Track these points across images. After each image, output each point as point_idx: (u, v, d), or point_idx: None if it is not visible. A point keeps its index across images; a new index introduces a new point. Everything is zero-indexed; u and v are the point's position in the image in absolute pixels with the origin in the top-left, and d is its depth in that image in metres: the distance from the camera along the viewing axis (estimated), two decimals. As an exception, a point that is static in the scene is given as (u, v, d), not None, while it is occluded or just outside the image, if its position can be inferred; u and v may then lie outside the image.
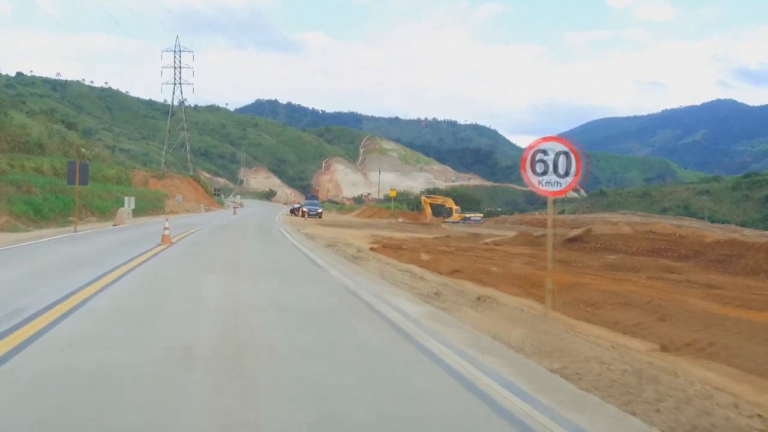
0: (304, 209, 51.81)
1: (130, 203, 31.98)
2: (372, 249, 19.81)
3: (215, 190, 78.72)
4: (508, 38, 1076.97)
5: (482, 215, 64.53)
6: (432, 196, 69.37)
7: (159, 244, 16.56)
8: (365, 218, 60.28)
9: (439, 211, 69.52)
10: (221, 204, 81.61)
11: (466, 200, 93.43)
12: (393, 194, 66.33)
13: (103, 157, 74.54)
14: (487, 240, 22.41)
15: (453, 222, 55.95)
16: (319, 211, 51.69)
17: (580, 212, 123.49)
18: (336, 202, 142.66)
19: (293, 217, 50.27)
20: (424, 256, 16.23)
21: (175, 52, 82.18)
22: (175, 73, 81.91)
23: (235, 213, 52.43)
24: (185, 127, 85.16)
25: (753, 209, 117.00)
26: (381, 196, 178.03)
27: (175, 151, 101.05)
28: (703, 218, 78.82)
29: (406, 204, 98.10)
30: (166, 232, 16.99)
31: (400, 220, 54.48)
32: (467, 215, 61.76)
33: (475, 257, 16.53)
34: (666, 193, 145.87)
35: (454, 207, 62.11)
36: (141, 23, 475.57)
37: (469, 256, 16.89)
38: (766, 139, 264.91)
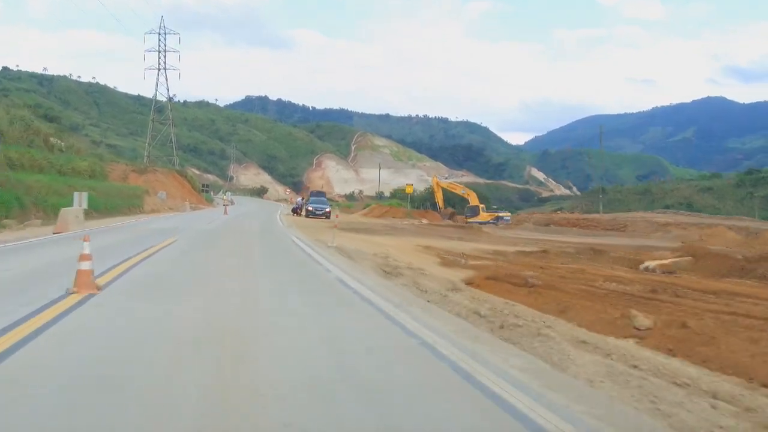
0: (309, 207, 42.43)
1: (80, 201, 22.59)
2: (470, 284, 10.79)
3: (203, 186, 68.13)
4: (499, 35, 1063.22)
5: (510, 214, 54.51)
6: (450, 182, 57.70)
7: (69, 292, 7.44)
8: (376, 218, 50.95)
9: (451, 205, 59.85)
10: (210, 201, 71.52)
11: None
12: (409, 190, 55.66)
13: (77, 149, 65.39)
14: (650, 264, 13.50)
15: (479, 222, 46.66)
16: (328, 210, 42.33)
17: (579, 210, 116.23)
18: (330, 200, 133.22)
19: (297, 218, 40.89)
20: (642, 320, 7.17)
21: (159, 34, 72.16)
22: (159, 58, 71.76)
23: (226, 212, 42.72)
24: (170, 117, 75.05)
25: (758, 206, 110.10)
26: (374, 193, 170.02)
27: (161, 146, 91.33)
28: (753, 216, 69.82)
29: (409, 202, 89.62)
30: (84, 266, 7.71)
31: (425, 221, 45.03)
32: (500, 214, 51.93)
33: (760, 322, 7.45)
34: (667, 190, 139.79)
35: (479, 203, 52.36)
36: (131, 19, 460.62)
37: (735, 320, 7.79)
38: (756, 136, 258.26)
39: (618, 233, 43.84)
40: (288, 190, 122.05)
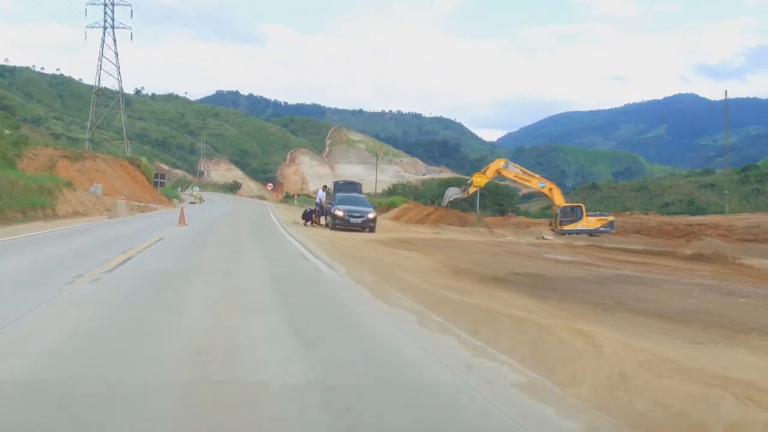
0: (339, 212, 22.45)
1: None
2: None
3: (156, 176, 46.93)
4: (470, 31, 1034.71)
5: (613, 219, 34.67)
6: (522, 171, 34.84)
7: None
8: (417, 224, 31.91)
9: (462, 200, 40.49)
10: (171, 198, 50.48)
11: (496, 194, 66.76)
12: (481, 182, 34.16)
13: (-12, 128, 45.85)
14: None
15: (582, 231, 28.33)
16: (371, 216, 22.40)
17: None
18: (308, 196, 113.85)
19: (322, 233, 21.12)
20: None
21: (106, -21, 51.41)
22: (105, 11, 51.08)
23: (182, 221, 21.99)
24: (121, 88, 54.34)
25: (766, 204, 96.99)
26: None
27: (119, 133, 71.30)
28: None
29: (413, 197, 71.64)
30: None
31: (547, 236, 26.05)
32: (610, 218, 32.97)
33: None
34: (665, 186, 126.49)
35: (564, 202, 33.21)
36: (98, 11, 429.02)
37: None
38: (728, 132, 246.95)
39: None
40: (270, 185, 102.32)
